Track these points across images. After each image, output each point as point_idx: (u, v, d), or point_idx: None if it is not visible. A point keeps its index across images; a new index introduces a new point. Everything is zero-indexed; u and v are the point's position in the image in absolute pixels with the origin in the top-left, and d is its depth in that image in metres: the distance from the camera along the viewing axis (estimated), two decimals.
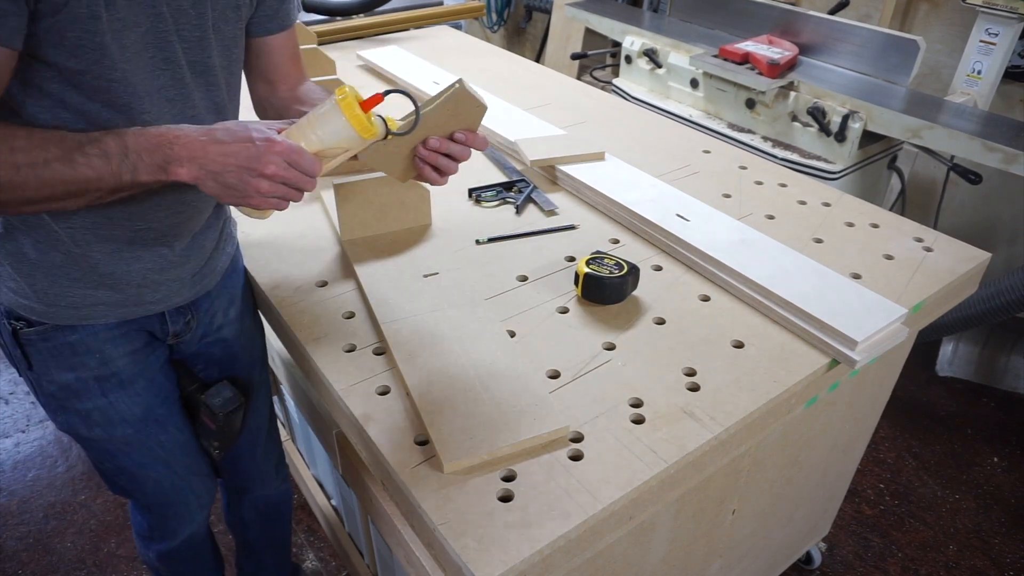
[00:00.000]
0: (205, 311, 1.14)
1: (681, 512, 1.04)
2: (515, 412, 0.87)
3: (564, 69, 3.24)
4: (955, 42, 2.49)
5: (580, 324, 1.07)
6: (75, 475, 2.15)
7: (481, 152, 1.38)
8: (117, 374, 1.05)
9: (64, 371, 1.02)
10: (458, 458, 0.81)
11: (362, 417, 0.90)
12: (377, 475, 0.91)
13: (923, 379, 2.51)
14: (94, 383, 1.04)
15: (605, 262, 1.10)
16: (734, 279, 1.13)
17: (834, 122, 1.98)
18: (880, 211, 1.37)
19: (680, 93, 2.41)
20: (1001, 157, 1.74)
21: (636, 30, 2.53)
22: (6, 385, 2.50)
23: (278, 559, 1.64)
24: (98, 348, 1.02)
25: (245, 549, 1.60)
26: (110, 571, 1.89)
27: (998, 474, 2.16)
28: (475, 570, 0.71)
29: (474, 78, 1.93)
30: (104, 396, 1.05)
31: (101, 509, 2.05)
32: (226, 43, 0.94)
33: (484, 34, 4.41)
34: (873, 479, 2.14)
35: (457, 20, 2.67)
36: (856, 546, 1.94)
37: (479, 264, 1.20)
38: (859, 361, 0.99)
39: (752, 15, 2.38)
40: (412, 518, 0.83)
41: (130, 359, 1.06)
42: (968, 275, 1.22)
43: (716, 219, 1.28)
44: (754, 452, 1.11)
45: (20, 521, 2.01)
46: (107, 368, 1.04)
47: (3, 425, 2.34)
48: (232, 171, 0.80)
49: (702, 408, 0.91)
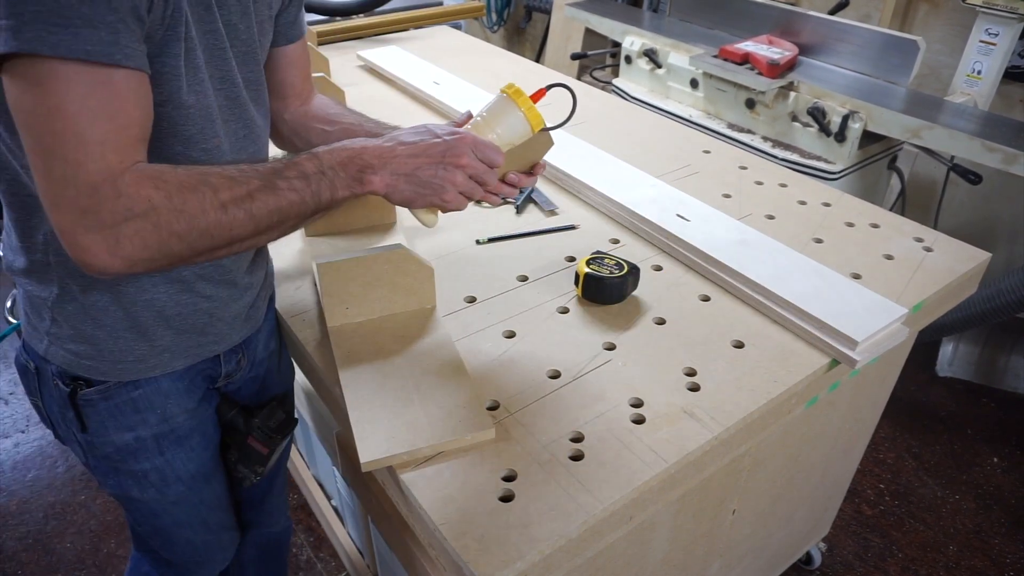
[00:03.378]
0: (252, 348, 1.09)
1: (681, 512, 1.04)
2: (442, 415, 0.87)
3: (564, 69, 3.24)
4: (955, 42, 2.49)
5: (580, 324, 1.07)
6: (75, 475, 2.15)
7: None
8: (176, 430, 1.01)
9: (123, 431, 0.97)
10: (375, 456, 0.81)
11: None
12: (377, 475, 0.92)
13: (923, 379, 2.51)
14: (152, 442, 0.99)
15: (605, 262, 1.10)
16: (734, 279, 1.13)
17: (834, 122, 1.98)
18: (880, 211, 1.37)
19: (680, 93, 2.41)
20: (1001, 157, 1.74)
21: (636, 30, 2.53)
22: (6, 385, 2.50)
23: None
24: (160, 404, 0.97)
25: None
26: (110, 571, 1.89)
27: (998, 474, 2.16)
28: (475, 570, 0.71)
29: (474, 78, 1.93)
30: (161, 455, 1.01)
31: (101, 509, 2.05)
32: (263, 55, 0.93)
33: (484, 34, 4.41)
34: (873, 479, 2.14)
35: (457, 20, 2.67)
36: (856, 546, 1.94)
37: (479, 264, 1.20)
38: (859, 361, 0.99)
39: (752, 15, 2.38)
40: (412, 518, 0.83)
41: (188, 415, 1.01)
42: (968, 275, 1.22)
43: (716, 219, 1.28)
44: (754, 452, 1.11)
45: (20, 521, 2.01)
46: (166, 425, 0.99)
47: (3, 425, 2.34)
48: (427, 168, 0.81)
49: (702, 408, 0.91)
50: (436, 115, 1.77)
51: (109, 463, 1.00)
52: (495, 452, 0.85)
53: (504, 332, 1.05)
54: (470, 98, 1.77)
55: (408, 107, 1.81)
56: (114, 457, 0.99)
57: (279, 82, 1.05)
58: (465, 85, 1.85)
